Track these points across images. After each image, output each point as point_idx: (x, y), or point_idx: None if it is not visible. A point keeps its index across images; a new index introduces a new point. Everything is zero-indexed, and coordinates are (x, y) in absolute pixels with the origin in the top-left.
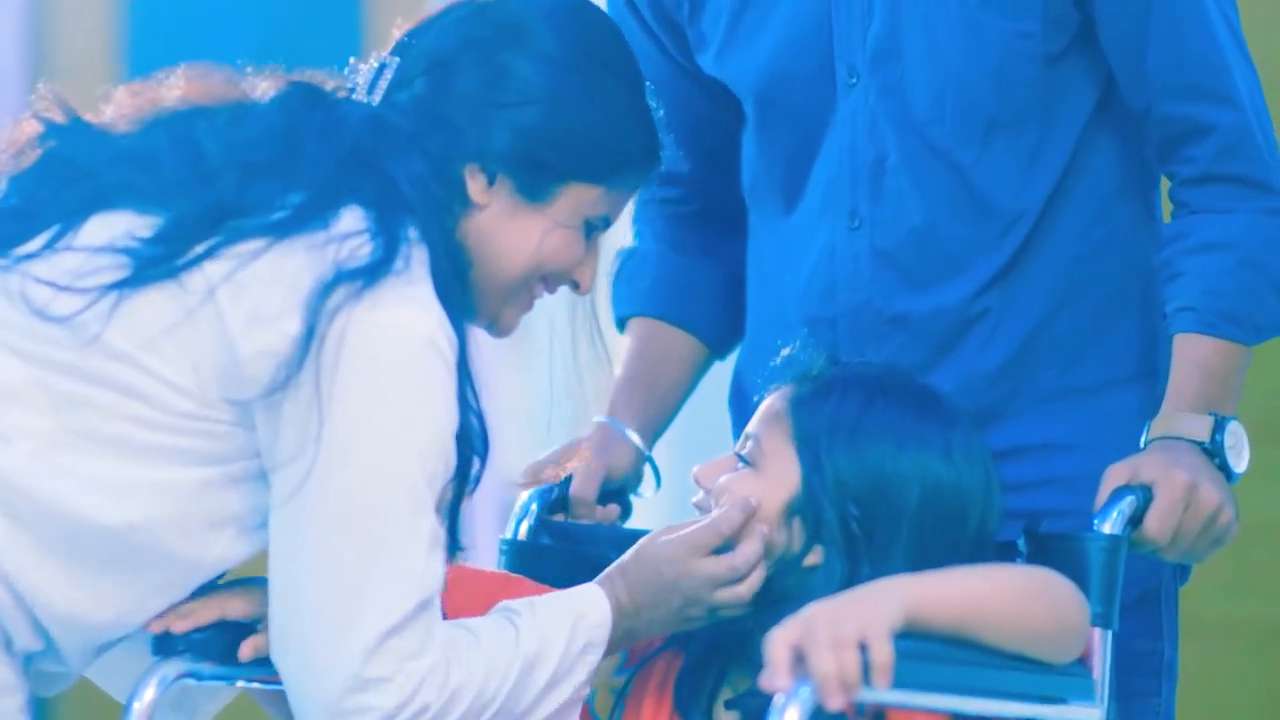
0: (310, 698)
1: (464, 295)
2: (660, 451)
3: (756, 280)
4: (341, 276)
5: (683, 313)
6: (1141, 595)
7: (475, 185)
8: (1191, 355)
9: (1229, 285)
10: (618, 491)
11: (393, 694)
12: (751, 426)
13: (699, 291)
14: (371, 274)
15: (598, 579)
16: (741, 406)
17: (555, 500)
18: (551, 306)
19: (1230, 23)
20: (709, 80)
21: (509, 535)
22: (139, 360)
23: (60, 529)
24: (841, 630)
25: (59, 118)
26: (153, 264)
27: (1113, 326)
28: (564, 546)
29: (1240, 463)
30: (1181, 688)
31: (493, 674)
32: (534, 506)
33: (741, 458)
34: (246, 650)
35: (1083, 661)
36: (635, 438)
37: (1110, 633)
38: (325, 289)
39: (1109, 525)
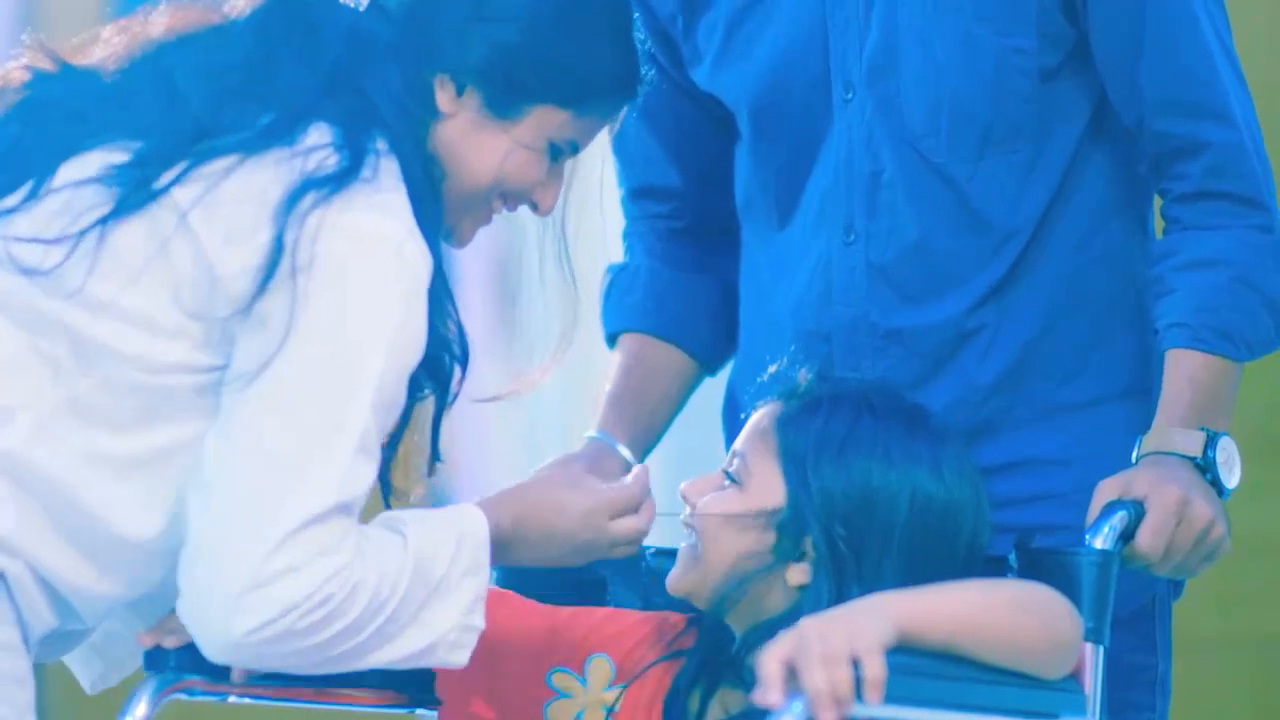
0: (219, 582)
1: (437, 206)
2: (652, 466)
3: (750, 295)
4: (308, 185)
5: (674, 328)
6: (1135, 611)
7: (444, 95)
8: (1184, 371)
9: (1222, 302)
10: None
11: (302, 585)
12: (738, 443)
13: (690, 307)
14: (338, 181)
15: (480, 502)
16: (734, 421)
17: None
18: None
19: (1223, 40)
20: (702, 95)
21: None
22: (122, 307)
23: (64, 502)
24: (834, 645)
25: (47, 65)
26: (132, 190)
27: (1106, 342)
28: None
29: (1232, 478)
30: (1175, 703)
31: (386, 577)
32: None
33: (728, 475)
34: (239, 670)
35: (1075, 676)
36: (626, 453)
37: (1102, 648)
38: (293, 197)
39: (1101, 540)
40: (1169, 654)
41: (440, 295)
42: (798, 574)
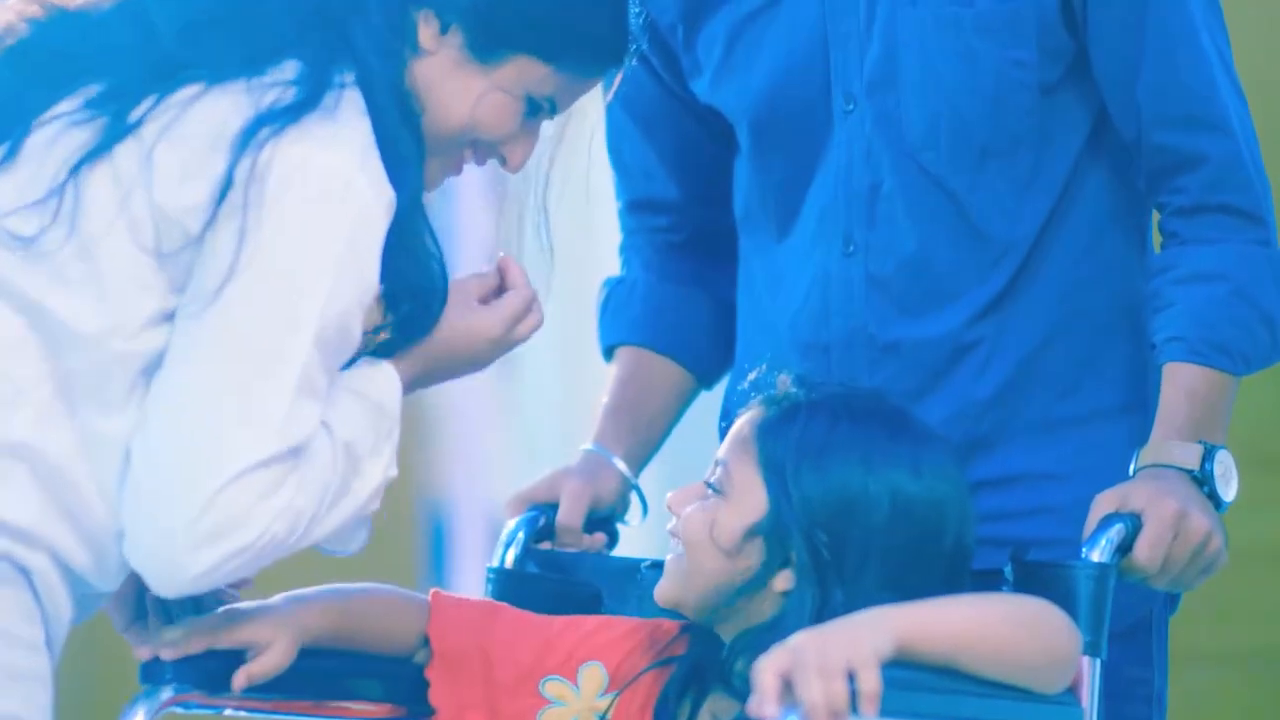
0: (165, 527)
1: (415, 143)
2: (648, 478)
3: (748, 307)
4: (264, 118)
5: (670, 341)
6: (1132, 625)
7: (426, 31)
8: (1181, 384)
9: (1220, 316)
10: (604, 519)
11: (249, 531)
12: (720, 452)
13: (687, 320)
14: (294, 114)
15: (394, 361)
16: None
17: (542, 528)
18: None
19: (1221, 52)
20: (701, 108)
21: (496, 564)
22: (99, 267)
23: (70, 489)
24: (830, 658)
25: (36, 11)
26: (109, 124)
27: (1104, 356)
28: (551, 575)
29: (1229, 491)
30: (1170, 716)
31: (327, 487)
32: (521, 534)
33: (710, 485)
34: (240, 680)
35: (1072, 690)
36: (622, 465)
37: (1099, 661)
38: (248, 130)
39: (1098, 553)
40: (1165, 669)
41: (417, 230)
42: (783, 581)
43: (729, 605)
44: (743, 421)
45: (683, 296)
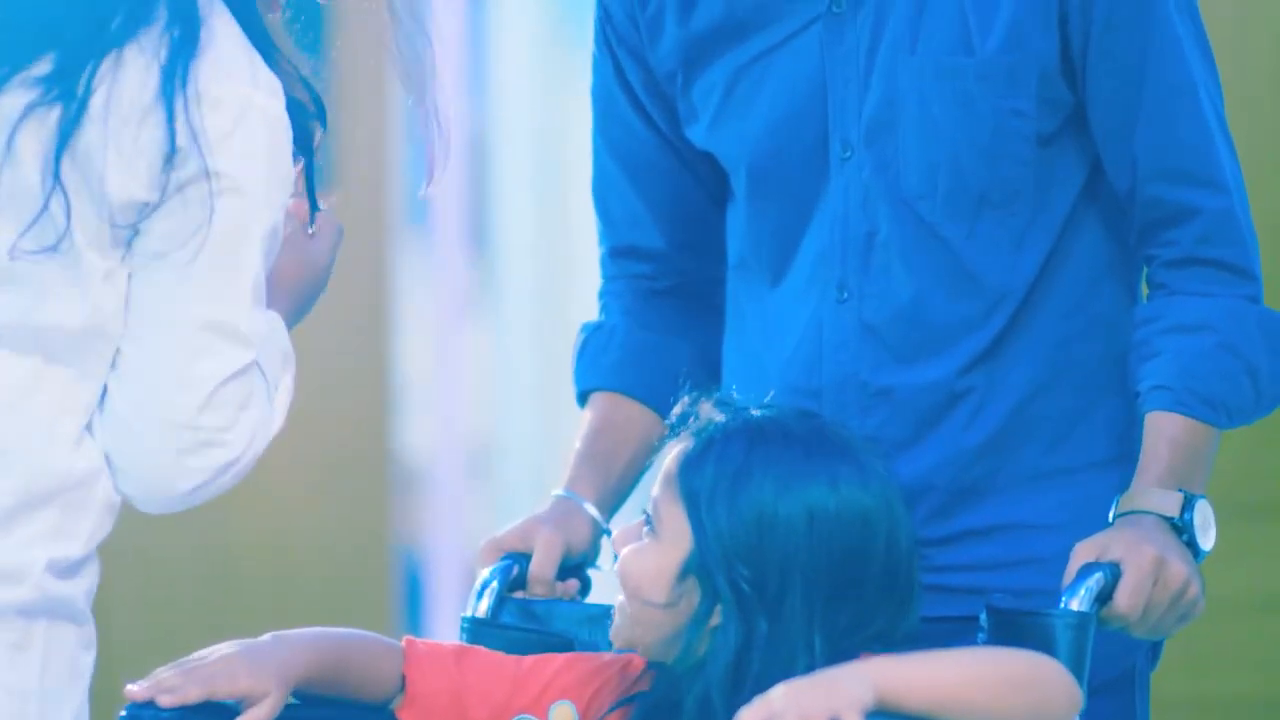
0: (152, 451)
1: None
2: (620, 523)
3: (738, 352)
4: (165, 73)
5: (647, 389)
6: (1116, 677)
7: None
8: (1164, 433)
9: (1206, 368)
10: (576, 566)
11: (231, 446)
12: (653, 488)
13: (665, 368)
14: (182, 60)
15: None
16: None
17: (516, 578)
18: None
19: (1217, 109)
20: (694, 157)
21: (469, 612)
22: (79, 265)
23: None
24: (809, 709)
25: None
26: (65, 109)
27: (1095, 408)
28: (525, 626)
29: (1207, 541)
30: None
31: (280, 405)
32: (494, 583)
33: (648, 522)
34: None
35: None
36: (594, 511)
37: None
38: (161, 88)
39: (1077, 602)
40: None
41: (274, 59)
42: (716, 617)
43: (679, 644)
44: (670, 456)
45: (661, 345)
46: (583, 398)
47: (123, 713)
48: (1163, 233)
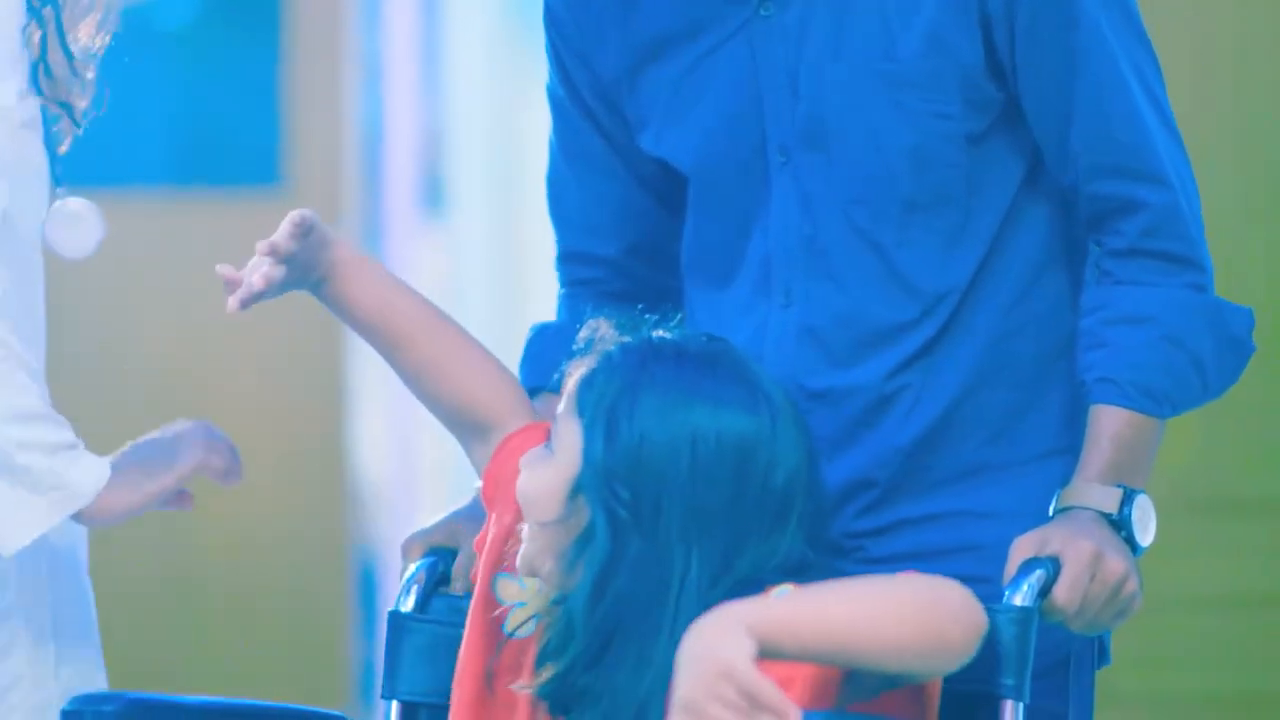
0: None
1: None
2: None
3: None
4: None
5: None
6: (1051, 665)
7: None
8: (1107, 427)
9: (1150, 360)
10: None
11: None
12: (557, 407)
13: None
14: None
15: None
16: None
17: (442, 574)
18: None
19: (1154, 96)
20: (643, 164)
21: (394, 608)
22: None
23: None
24: (705, 693)
25: None
26: None
27: (1037, 402)
28: (452, 621)
29: (1146, 536)
30: None
31: None
32: (420, 578)
33: (548, 444)
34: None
35: None
36: None
37: (1021, 705)
38: None
39: (1020, 597)
40: (1086, 708)
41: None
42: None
43: (567, 563)
44: (572, 374)
45: None
46: (531, 394)
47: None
48: (1108, 223)
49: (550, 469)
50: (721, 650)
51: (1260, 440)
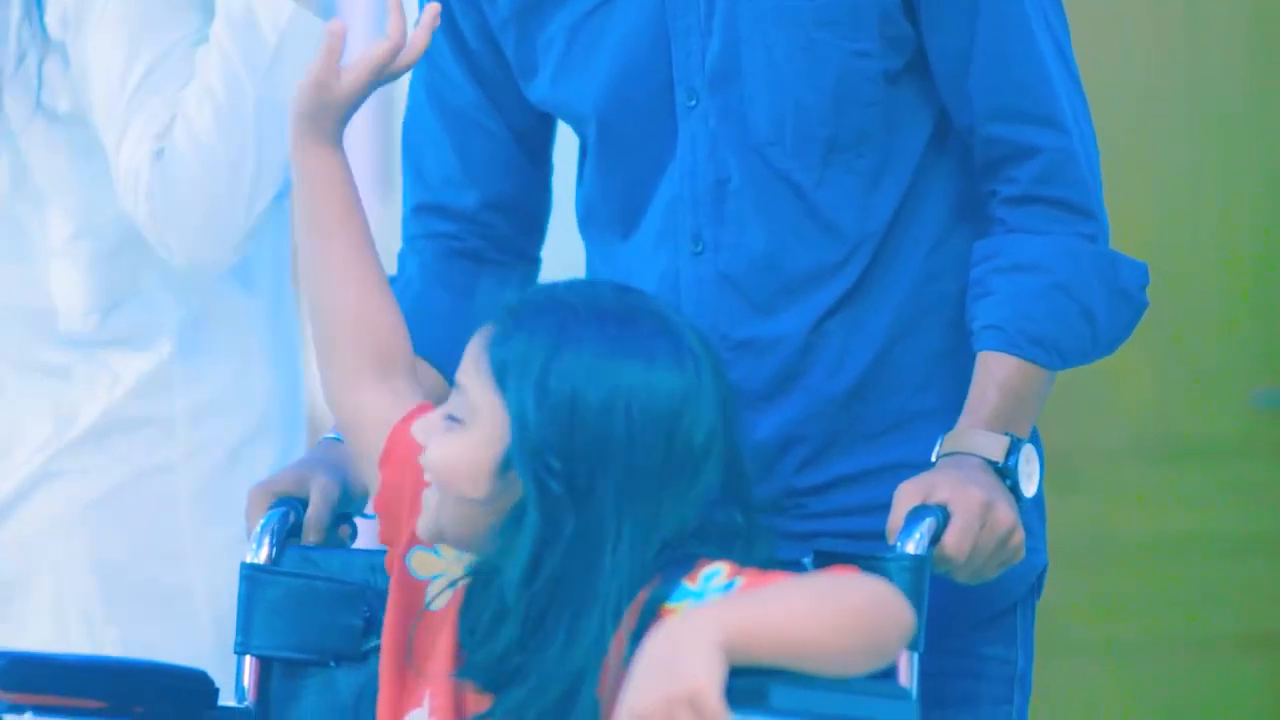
0: None
1: None
2: None
3: None
4: None
5: (430, 347)
6: (1003, 610)
7: None
8: (993, 374)
9: (1038, 308)
10: (345, 514)
11: None
12: (459, 375)
13: (452, 328)
14: None
15: None
16: None
17: (294, 524)
18: None
19: (1059, 43)
20: (519, 114)
21: (247, 559)
22: None
23: None
24: (664, 704)
25: None
26: None
27: (959, 349)
28: (307, 572)
29: (1030, 486)
30: (1047, 706)
31: None
32: (272, 529)
33: (450, 416)
34: None
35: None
36: None
37: (916, 655)
38: None
39: (912, 545)
40: (1030, 651)
41: None
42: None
43: (497, 540)
44: (477, 337)
45: (453, 306)
46: None
47: None
48: (1002, 170)
49: (466, 441)
50: (690, 666)
51: (1212, 385)
